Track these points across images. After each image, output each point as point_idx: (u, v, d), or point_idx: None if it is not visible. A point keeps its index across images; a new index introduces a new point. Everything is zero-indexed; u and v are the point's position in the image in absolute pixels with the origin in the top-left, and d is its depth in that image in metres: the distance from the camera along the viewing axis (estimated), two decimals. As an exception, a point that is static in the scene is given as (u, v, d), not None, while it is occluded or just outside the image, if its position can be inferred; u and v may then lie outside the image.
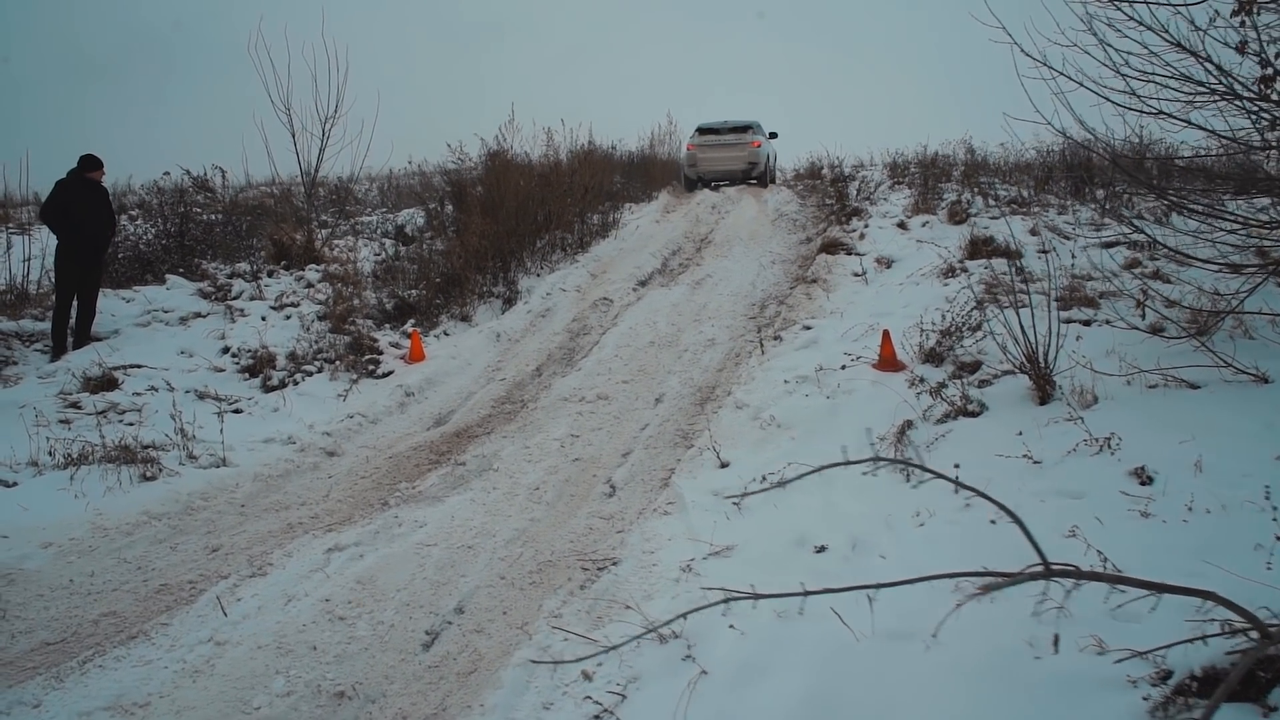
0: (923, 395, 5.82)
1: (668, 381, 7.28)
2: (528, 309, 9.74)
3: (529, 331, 9.23)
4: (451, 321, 9.55)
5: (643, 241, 12.75)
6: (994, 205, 11.77)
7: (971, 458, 4.83)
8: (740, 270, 10.73)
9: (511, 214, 11.15)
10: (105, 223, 8.41)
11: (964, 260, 8.96)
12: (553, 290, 10.33)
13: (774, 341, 7.67)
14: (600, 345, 8.24)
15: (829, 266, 9.78)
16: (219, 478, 5.63)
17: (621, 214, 13.83)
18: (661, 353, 7.99)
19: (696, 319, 8.93)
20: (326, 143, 11.13)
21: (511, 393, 7.55)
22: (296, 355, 8.08)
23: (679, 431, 6.35)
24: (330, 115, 11.11)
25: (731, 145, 19.62)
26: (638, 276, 10.77)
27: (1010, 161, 15.25)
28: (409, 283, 10.16)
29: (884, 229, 10.93)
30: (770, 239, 12.54)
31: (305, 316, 8.95)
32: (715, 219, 14.60)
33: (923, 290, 8.46)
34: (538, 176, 12.49)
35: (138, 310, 8.89)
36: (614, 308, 9.70)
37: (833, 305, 8.47)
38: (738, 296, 9.62)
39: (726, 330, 8.46)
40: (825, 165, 18.16)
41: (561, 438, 6.25)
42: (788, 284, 9.99)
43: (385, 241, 12.21)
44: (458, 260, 9.87)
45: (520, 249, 11.26)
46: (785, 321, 8.16)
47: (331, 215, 14.20)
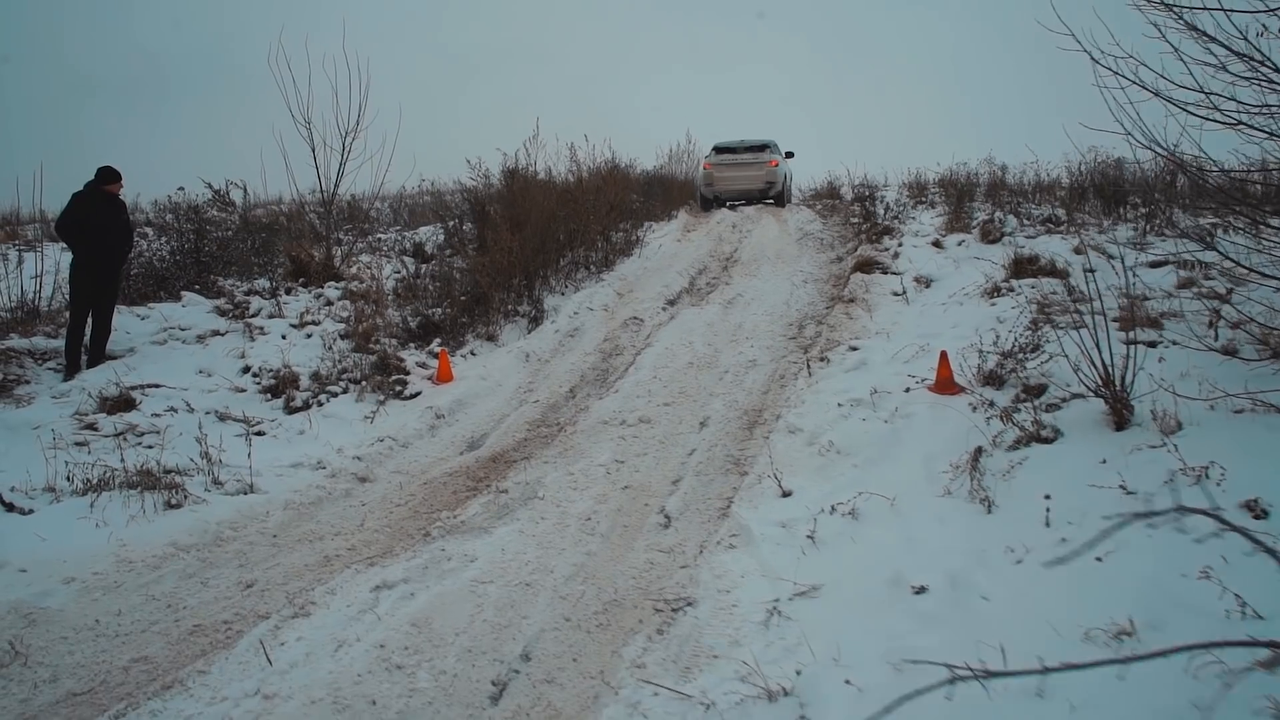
0: (992, 420, 5.50)
1: (711, 404, 6.96)
2: (555, 328, 9.43)
3: (558, 351, 8.92)
4: (478, 341, 9.24)
5: (667, 260, 12.46)
6: (1028, 224, 11.50)
7: (1059, 488, 4.51)
8: (772, 289, 10.43)
9: (536, 231, 10.87)
10: (122, 237, 8.12)
11: (1009, 279, 8.66)
12: (580, 309, 10.03)
13: (821, 363, 7.36)
14: (637, 366, 7.92)
15: (866, 286, 9.48)
16: (248, 505, 5.30)
17: (644, 232, 13.56)
18: (701, 374, 7.67)
19: (733, 339, 8.61)
20: (347, 157, 10.89)
21: (546, 415, 7.23)
22: (320, 375, 7.77)
23: (729, 457, 6.02)
24: (351, 129, 10.87)
25: (748, 164, 19.42)
26: (666, 295, 10.47)
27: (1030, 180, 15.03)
28: (432, 301, 9.86)
29: (918, 248, 10.64)
30: (798, 258, 12.25)
31: (327, 335, 8.65)
32: (738, 238, 14.33)
33: (969, 310, 8.17)
34: (560, 193, 12.22)
35: (154, 328, 8.59)
36: (645, 327, 9.39)
37: (877, 326, 8.17)
38: (773, 316, 9.31)
39: (767, 351, 8.15)
40: (845, 184, 17.91)
41: (606, 463, 5.92)
42: (824, 303, 9.69)
43: (405, 259, 11.93)
44: (484, 278, 9.57)
45: (545, 267, 10.97)
46: (829, 342, 7.85)
47: (347, 232, 13.94)
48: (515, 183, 12.52)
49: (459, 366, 8.35)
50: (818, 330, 8.58)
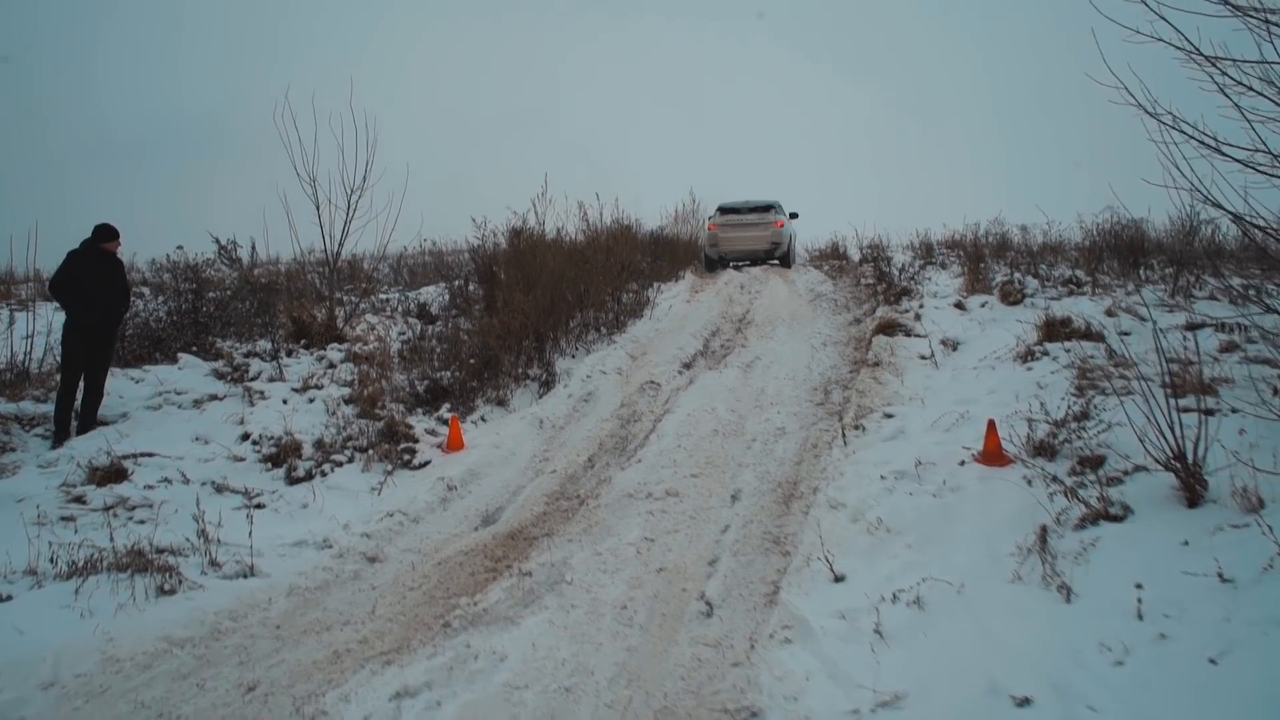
0: (1055, 496, 5.10)
1: (741, 475, 6.54)
2: (568, 393, 9.05)
3: (573, 417, 8.52)
4: (488, 406, 8.83)
5: (679, 322, 12.14)
6: (1048, 285, 11.24)
7: (1148, 575, 4.10)
8: (791, 353, 10.09)
9: (546, 292, 10.55)
10: (119, 297, 7.76)
11: (1041, 343, 8.32)
12: (592, 373, 9.65)
13: (856, 431, 6.97)
14: (659, 434, 7.51)
15: (891, 349, 9.14)
16: (248, 591, 4.83)
17: (653, 293, 13.26)
18: (728, 442, 7.26)
19: (757, 404, 8.23)
20: (352, 215, 10.59)
21: (565, 487, 6.80)
22: (324, 443, 7.34)
23: (767, 535, 5.60)
24: (357, 187, 10.60)
25: (753, 225, 19.27)
26: (680, 358, 10.12)
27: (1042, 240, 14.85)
28: (439, 364, 9.48)
29: (940, 310, 10.35)
30: (814, 320, 11.95)
31: (331, 400, 8.24)
32: (748, 299, 14.05)
33: (1003, 375, 7.82)
34: (569, 253, 11.95)
35: (148, 391, 8.18)
36: (663, 392, 9.01)
37: (909, 391, 7.80)
38: (796, 381, 8.95)
39: (794, 417, 7.76)
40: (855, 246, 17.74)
41: (635, 542, 5.48)
42: (847, 367, 9.34)
43: (410, 320, 11.58)
44: (494, 340, 9.21)
45: (555, 329, 10.63)
46: (861, 409, 7.47)
47: (348, 293, 13.62)
48: (521, 242, 12.27)
49: (470, 433, 7.93)
50: (845, 395, 8.21)
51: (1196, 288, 10.08)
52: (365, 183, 10.60)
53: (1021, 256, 13.06)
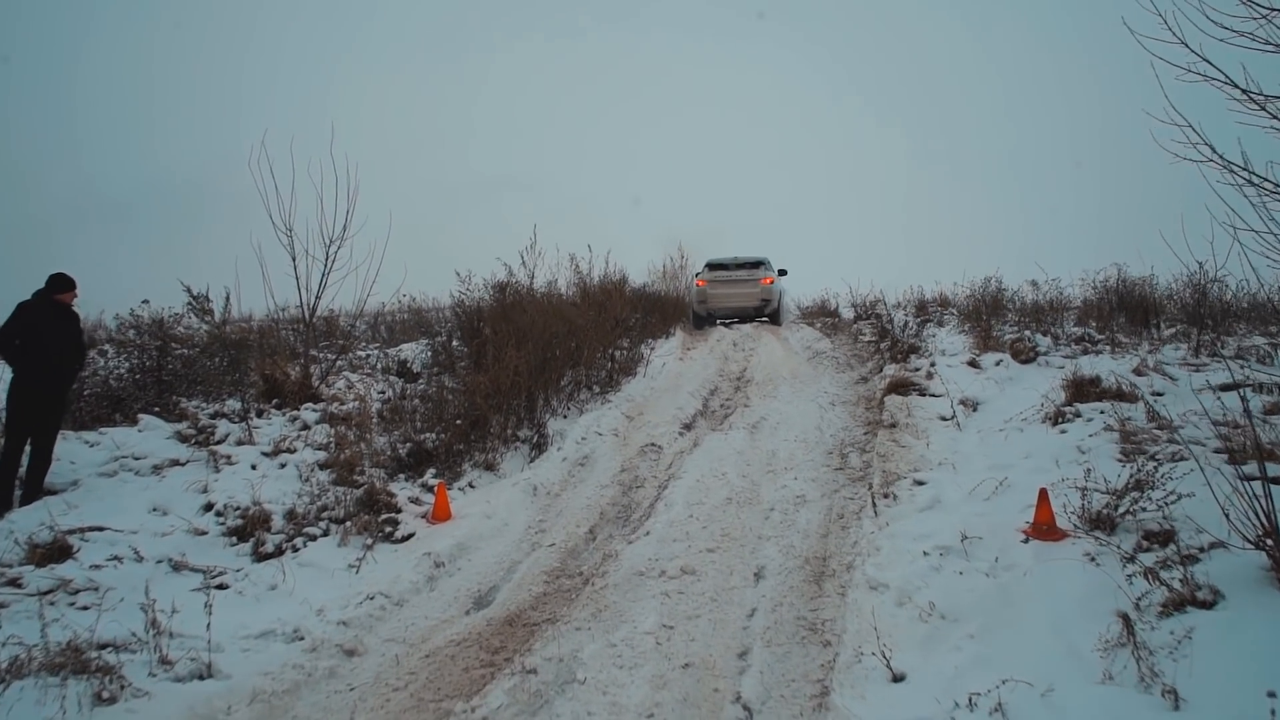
0: (1135, 578, 4.50)
1: (763, 550, 5.89)
2: (563, 456, 8.38)
3: (569, 483, 7.85)
4: (476, 471, 8.15)
5: (674, 380, 11.56)
6: (1062, 344, 10.78)
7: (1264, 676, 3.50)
8: (798, 413, 9.51)
9: (537, 348, 9.95)
10: (74, 353, 7.07)
11: (1071, 403, 7.80)
12: (588, 434, 9.01)
13: (887, 500, 6.36)
14: (666, 503, 6.85)
15: (906, 409, 8.59)
16: (204, 699, 4.09)
17: (646, 350, 12.69)
18: (743, 512, 6.62)
19: (770, 469, 7.61)
20: (330, 267, 9.97)
21: (566, 563, 6.11)
22: (296, 514, 6.62)
23: (801, 621, 4.93)
24: (336, 237, 10.01)
25: (742, 281, 18.91)
26: (680, 419, 9.51)
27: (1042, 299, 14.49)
28: (422, 425, 8.79)
29: (953, 368, 9.83)
30: (816, 378, 11.41)
31: (304, 465, 7.53)
32: (743, 357, 13.52)
33: (1034, 438, 7.27)
34: (559, 309, 11.38)
35: (103, 456, 7.44)
36: (665, 455, 8.37)
37: (936, 455, 7.22)
38: (808, 443, 8.35)
39: (813, 484, 7.14)
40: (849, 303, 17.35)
41: (653, 630, 4.80)
42: (861, 429, 8.76)
43: (390, 379, 10.90)
44: (483, 399, 8.56)
45: (546, 388, 10.01)
46: (888, 474, 6.87)
47: (325, 349, 12.94)
48: (506, 296, 11.69)
49: (458, 502, 7.24)
50: (866, 459, 7.62)
51: (1219, 346, 9.65)
52: (345, 233, 10.03)
53: (1027, 314, 12.63)
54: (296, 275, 9.91)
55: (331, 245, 10.03)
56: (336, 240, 10.01)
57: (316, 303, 10.06)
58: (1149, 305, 11.72)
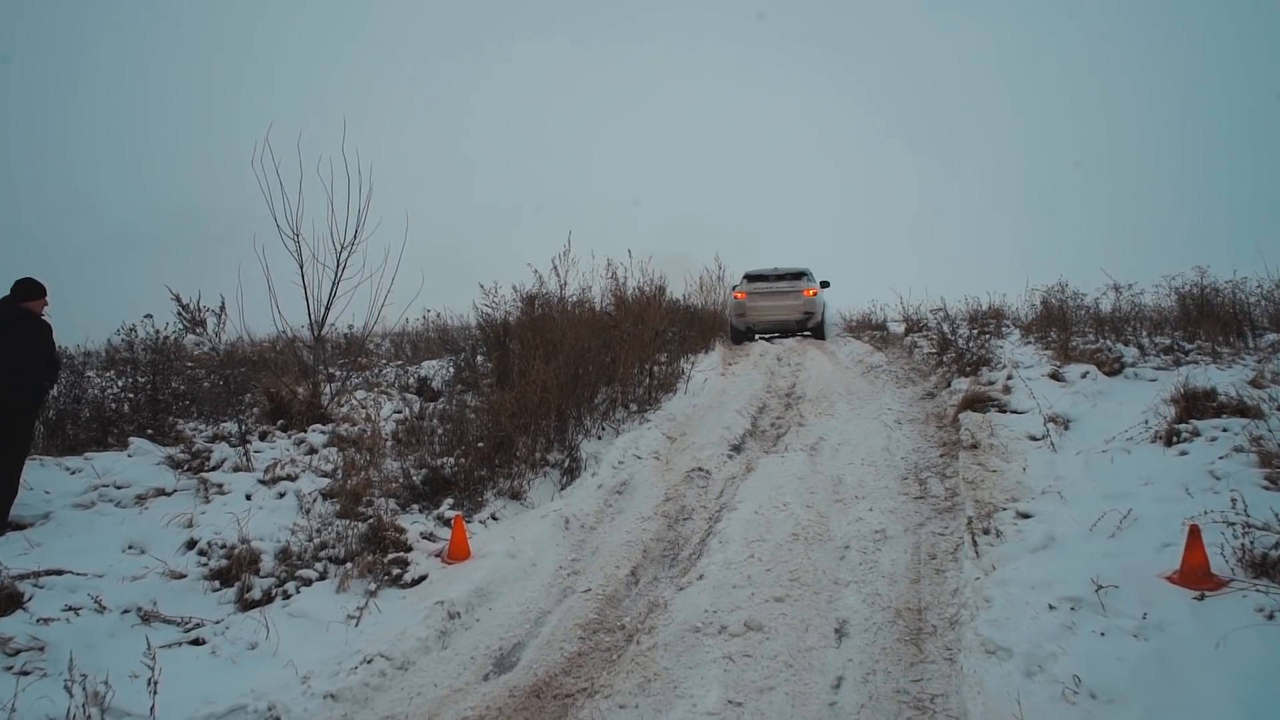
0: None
1: (843, 599, 4.87)
2: (598, 483, 7.41)
3: (606, 514, 6.86)
4: (500, 500, 7.19)
5: (718, 397, 10.55)
6: (1150, 354, 9.66)
7: None
8: (861, 432, 8.47)
9: (569, 363, 9.01)
10: (42, 368, 6.23)
11: (1184, 419, 6.70)
12: (625, 458, 8.03)
13: (987, 537, 5.31)
14: (721, 540, 5.84)
15: (988, 428, 7.52)
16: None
17: (689, 366, 11.69)
18: (813, 551, 5.60)
19: (838, 498, 6.58)
20: (341, 275, 9.13)
21: (605, 614, 5.12)
22: (290, 553, 5.71)
23: (903, 696, 3.91)
24: (348, 243, 9.16)
25: (784, 293, 17.88)
26: (729, 440, 8.50)
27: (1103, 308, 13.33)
28: (442, 448, 7.87)
29: (1034, 381, 8.74)
30: (875, 394, 10.35)
31: (305, 495, 6.63)
32: (790, 372, 12.50)
33: (1148, 461, 6.20)
34: (593, 320, 10.44)
35: (81, 485, 6.60)
36: (714, 482, 7.36)
37: (1035, 481, 6.16)
38: (878, 467, 7.31)
39: (891, 515, 6.10)
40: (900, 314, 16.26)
41: (717, 710, 3.80)
42: (935, 450, 7.70)
43: (408, 397, 10.01)
44: (508, 418, 7.62)
45: (578, 406, 9.06)
46: (981, 504, 5.82)
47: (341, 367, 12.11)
48: (535, 309, 10.76)
49: (478, 537, 6.28)
50: (950, 487, 6.57)
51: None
52: (358, 237, 9.18)
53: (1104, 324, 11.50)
54: (304, 284, 9.09)
55: (343, 251, 9.21)
56: (348, 246, 9.18)
57: (326, 313, 9.21)
58: (1240, 312, 10.55)
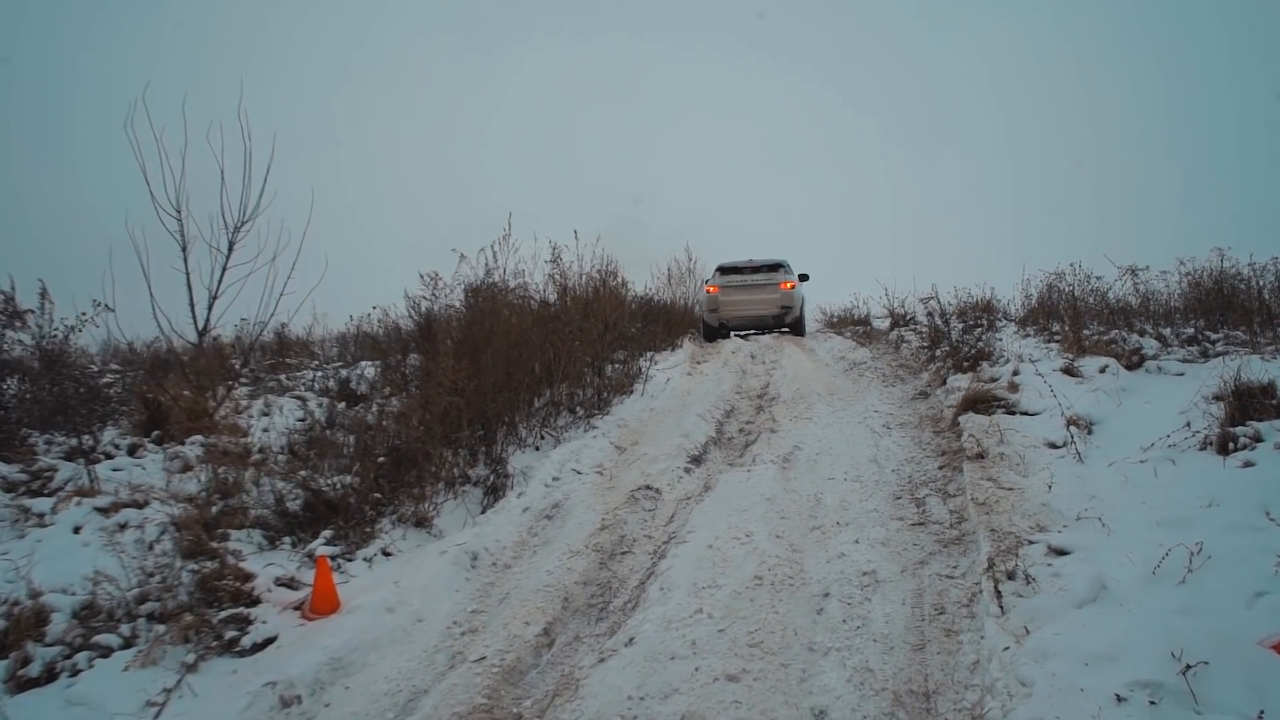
0: None
1: (820, 675, 3.54)
2: (524, 505, 6.05)
3: (528, 547, 5.50)
4: (399, 529, 5.81)
5: (680, 399, 9.21)
6: (1173, 346, 8.41)
7: None
8: (843, 440, 7.15)
9: (500, 360, 7.65)
10: None
11: (1238, 421, 5.43)
12: (562, 472, 6.69)
13: (1014, 583, 3.99)
14: (663, 583, 4.49)
15: (996, 434, 6.23)
16: None
17: (645, 364, 10.34)
18: (782, 600, 4.26)
19: (815, 525, 5.25)
20: (230, 258, 7.72)
21: (498, 696, 3.76)
22: (98, 609, 4.32)
23: None
24: (240, 221, 7.76)
25: (760, 287, 16.53)
26: (688, 449, 7.15)
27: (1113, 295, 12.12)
28: (341, 463, 6.49)
29: (1043, 377, 7.45)
30: (860, 393, 9.04)
31: (150, 526, 5.23)
32: (764, 370, 11.17)
33: (1201, 473, 4.92)
34: (531, 311, 9.08)
35: None
36: (665, 503, 6.02)
37: (1063, 502, 4.84)
38: (864, 484, 5.99)
39: (883, 550, 4.76)
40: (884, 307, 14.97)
41: None
42: (933, 460, 6.39)
43: (312, 400, 8.62)
44: (414, 428, 6.26)
45: (512, 410, 7.70)
46: (998, 535, 4.51)
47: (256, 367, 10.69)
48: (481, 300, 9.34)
49: (357, 581, 4.91)
50: (956, 509, 5.25)
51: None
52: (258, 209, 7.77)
53: (1115, 313, 10.24)
54: (187, 270, 7.66)
55: (235, 231, 7.80)
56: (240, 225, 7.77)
57: (213, 304, 7.79)
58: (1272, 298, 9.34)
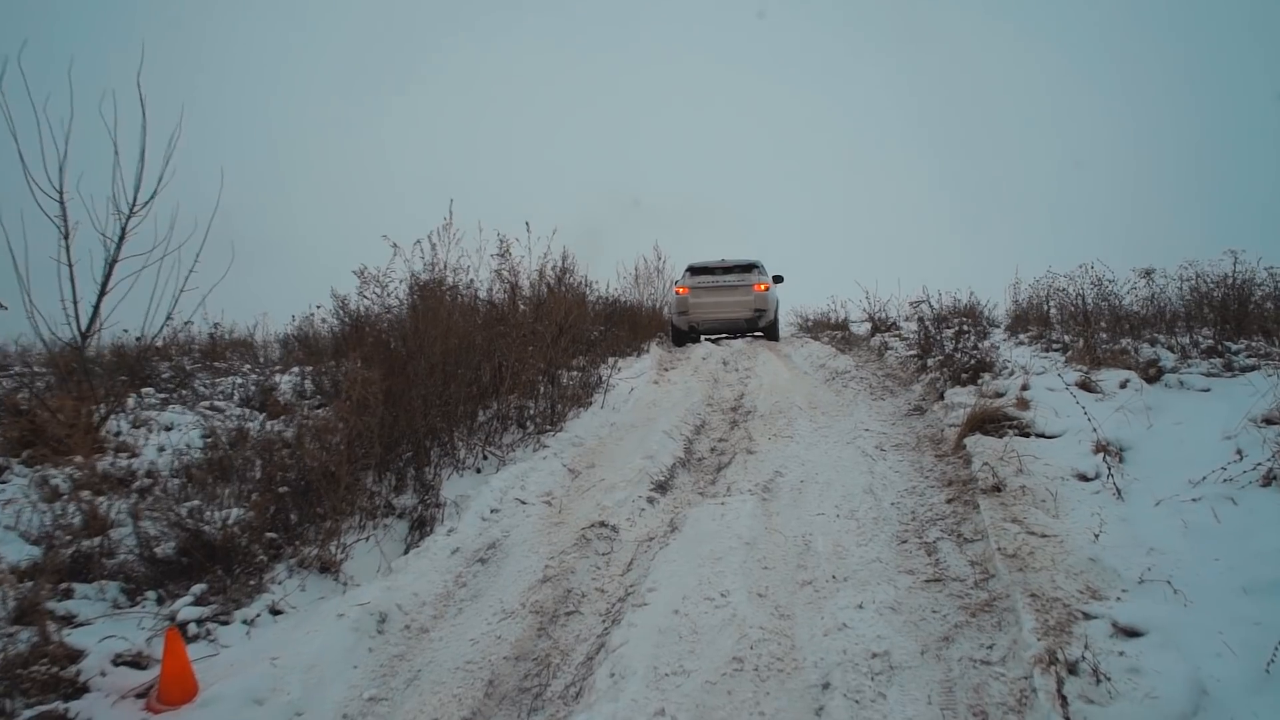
0: None
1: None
2: (454, 545, 5.02)
3: (452, 602, 4.46)
4: (299, 577, 4.74)
5: (645, 412, 8.21)
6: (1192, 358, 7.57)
7: None
8: (831, 463, 6.19)
9: (436, 367, 6.62)
10: None
11: (1301, 450, 4.54)
12: (503, 502, 5.67)
13: (1079, 679, 3.02)
14: (616, 667, 3.47)
15: (1014, 461, 5.29)
16: None
17: (607, 371, 9.33)
18: (770, 695, 3.26)
19: (806, 579, 4.26)
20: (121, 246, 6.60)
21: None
22: None
23: None
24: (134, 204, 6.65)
25: (732, 288, 15.70)
26: (652, 474, 6.16)
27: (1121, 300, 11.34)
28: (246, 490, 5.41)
29: (1056, 392, 6.54)
30: (846, 408, 8.08)
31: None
32: (738, 379, 10.22)
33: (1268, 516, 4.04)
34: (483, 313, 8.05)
35: None
36: (623, 545, 5.01)
37: (1119, 557, 3.89)
38: (859, 520, 5.01)
39: (894, 617, 3.78)
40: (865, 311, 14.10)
41: None
42: (939, 492, 5.43)
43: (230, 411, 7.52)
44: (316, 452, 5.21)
45: (449, 426, 6.66)
46: (1041, 603, 3.55)
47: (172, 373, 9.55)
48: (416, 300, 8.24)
49: (224, 657, 3.84)
50: (976, 560, 4.28)
51: None
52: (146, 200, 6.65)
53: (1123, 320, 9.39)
54: (69, 260, 6.51)
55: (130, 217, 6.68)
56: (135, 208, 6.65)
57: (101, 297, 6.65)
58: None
